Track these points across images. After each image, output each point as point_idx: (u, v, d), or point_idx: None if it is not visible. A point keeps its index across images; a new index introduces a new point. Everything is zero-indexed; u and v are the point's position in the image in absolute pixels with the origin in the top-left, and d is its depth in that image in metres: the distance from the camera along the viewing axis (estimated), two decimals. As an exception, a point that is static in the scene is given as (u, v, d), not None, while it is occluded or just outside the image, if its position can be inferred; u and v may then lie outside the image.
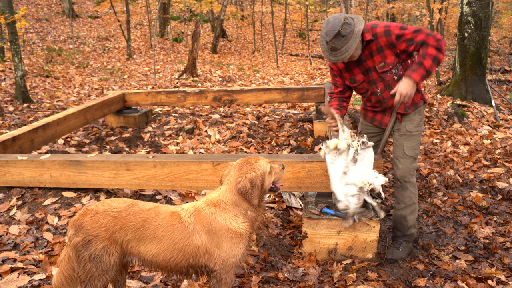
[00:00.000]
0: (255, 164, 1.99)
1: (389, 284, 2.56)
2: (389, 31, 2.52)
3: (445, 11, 14.84)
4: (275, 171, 2.08)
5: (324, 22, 2.57)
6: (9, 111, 6.23)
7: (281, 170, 2.12)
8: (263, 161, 2.03)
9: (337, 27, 2.44)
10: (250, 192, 1.92)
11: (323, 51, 2.60)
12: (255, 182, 1.92)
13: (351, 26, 2.46)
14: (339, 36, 2.45)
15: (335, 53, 2.53)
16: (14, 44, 6.62)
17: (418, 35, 2.48)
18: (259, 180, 1.94)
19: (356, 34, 2.46)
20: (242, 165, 1.99)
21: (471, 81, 6.29)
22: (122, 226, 1.86)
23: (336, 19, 2.47)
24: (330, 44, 2.49)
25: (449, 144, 4.91)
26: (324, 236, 2.79)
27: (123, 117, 5.78)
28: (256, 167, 1.97)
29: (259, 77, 10.84)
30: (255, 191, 1.93)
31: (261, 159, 2.03)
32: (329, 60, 2.64)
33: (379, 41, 2.56)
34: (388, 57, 2.59)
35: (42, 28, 15.16)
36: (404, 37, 2.51)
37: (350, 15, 2.51)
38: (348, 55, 2.50)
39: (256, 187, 1.92)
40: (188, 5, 15.99)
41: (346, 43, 2.46)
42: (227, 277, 1.97)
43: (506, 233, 3.10)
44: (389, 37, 2.53)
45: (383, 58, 2.60)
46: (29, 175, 3.25)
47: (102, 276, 1.87)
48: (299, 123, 5.82)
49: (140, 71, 11.08)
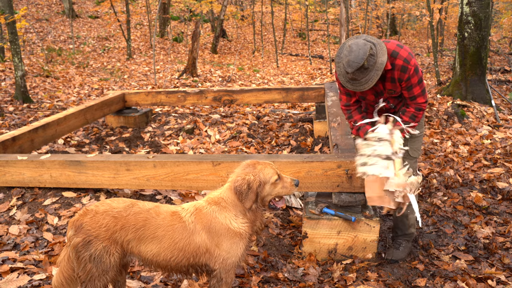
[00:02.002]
0: (259, 169, 1.95)
1: (389, 284, 2.56)
2: (406, 69, 2.42)
3: (445, 11, 14.84)
4: (284, 185, 2.00)
5: (344, 48, 2.37)
6: (9, 111, 6.23)
7: (292, 185, 2.01)
8: (269, 170, 1.97)
9: (361, 60, 2.27)
10: (245, 194, 1.90)
11: (340, 75, 2.44)
12: (251, 186, 1.91)
13: (374, 57, 2.30)
14: (362, 69, 2.30)
15: (354, 83, 2.39)
16: (14, 44, 6.62)
17: (418, 98, 2.50)
18: (256, 185, 1.92)
19: (379, 67, 2.31)
20: (247, 166, 1.98)
21: (471, 81, 6.29)
22: (122, 226, 1.86)
23: (360, 50, 2.28)
24: (351, 75, 2.34)
25: (449, 144, 4.91)
26: (324, 236, 2.79)
27: (123, 117, 5.78)
28: (258, 172, 1.94)
29: (259, 77, 10.84)
30: (250, 194, 1.90)
31: (268, 167, 1.97)
32: (345, 86, 2.47)
33: (394, 73, 2.46)
34: (398, 87, 2.54)
35: (42, 28, 15.16)
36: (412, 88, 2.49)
37: (372, 41, 2.34)
38: (368, 87, 2.36)
39: (251, 190, 1.90)
40: (188, 5, 15.99)
41: (367, 74, 2.32)
42: (227, 277, 1.97)
43: (506, 233, 3.10)
44: (403, 74, 2.44)
45: (393, 87, 2.53)
46: (29, 175, 3.25)
47: (102, 276, 1.87)
48: (299, 123, 5.82)
49: (140, 71, 11.08)
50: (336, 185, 2.85)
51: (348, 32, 14.13)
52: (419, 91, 2.49)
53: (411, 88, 2.48)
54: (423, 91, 2.50)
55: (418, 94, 2.50)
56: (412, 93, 2.50)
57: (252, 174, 1.93)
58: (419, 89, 2.49)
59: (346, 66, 2.32)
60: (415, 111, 2.54)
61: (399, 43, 2.47)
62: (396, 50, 2.43)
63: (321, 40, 19.40)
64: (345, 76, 2.39)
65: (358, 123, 2.69)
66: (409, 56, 2.42)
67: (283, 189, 2.00)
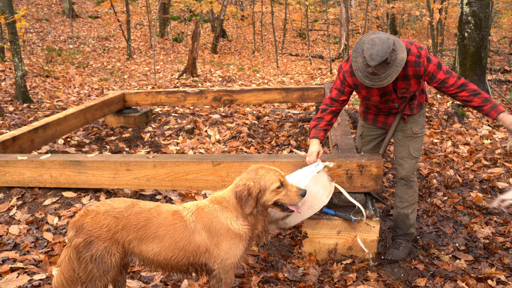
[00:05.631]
0: (261, 175, 1.93)
1: (389, 284, 2.56)
2: (419, 63, 2.41)
3: (445, 11, 14.84)
4: (286, 193, 1.96)
5: (365, 41, 2.32)
6: (9, 111, 6.23)
7: (297, 195, 1.96)
8: (271, 177, 1.93)
9: (385, 54, 2.22)
10: (244, 199, 1.89)
11: (357, 70, 2.36)
12: (251, 192, 1.90)
13: (395, 53, 2.27)
14: (384, 63, 2.25)
15: (373, 78, 2.32)
16: (14, 44, 6.62)
17: (449, 80, 2.41)
18: (256, 192, 1.90)
19: (399, 63, 2.28)
20: (251, 171, 1.97)
21: (471, 81, 6.27)
22: (124, 226, 1.86)
23: (384, 44, 2.24)
24: (372, 69, 2.27)
25: (449, 144, 4.92)
26: (324, 236, 2.79)
27: (123, 117, 5.78)
28: (259, 179, 1.92)
29: (259, 77, 10.84)
30: (250, 201, 1.89)
31: (271, 174, 1.94)
32: (362, 82, 2.40)
33: (408, 69, 2.43)
34: (412, 85, 2.51)
35: (42, 28, 15.16)
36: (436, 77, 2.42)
37: (392, 38, 2.30)
38: (387, 83, 2.31)
39: (251, 197, 1.90)
40: (188, 5, 15.99)
41: (388, 69, 2.28)
42: (227, 277, 1.97)
43: (506, 233, 3.10)
44: (418, 69, 2.41)
45: (407, 85, 2.50)
46: (29, 175, 3.25)
47: (103, 277, 1.88)
48: (299, 123, 5.83)
49: (140, 71, 11.08)
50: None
51: (348, 32, 14.13)
52: (443, 75, 2.42)
53: (435, 76, 2.43)
54: (447, 72, 2.42)
55: (446, 78, 2.42)
56: (439, 80, 2.43)
57: (253, 180, 1.92)
58: (443, 74, 2.42)
59: (369, 59, 2.25)
60: (466, 91, 2.41)
61: (409, 40, 2.47)
62: (408, 47, 2.41)
63: (321, 40, 19.41)
64: (364, 70, 2.33)
65: (319, 124, 2.71)
66: (418, 50, 2.41)
67: (286, 197, 1.96)
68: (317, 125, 2.73)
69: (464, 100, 2.46)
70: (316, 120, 2.75)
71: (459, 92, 2.44)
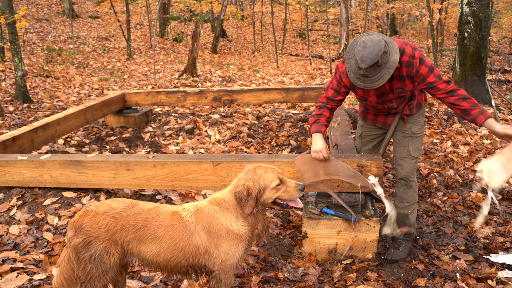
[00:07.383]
0: (259, 174, 1.93)
1: (389, 284, 2.56)
2: (412, 63, 2.42)
3: (445, 11, 14.84)
4: (286, 190, 1.96)
5: (358, 42, 2.33)
6: (9, 111, 6.23)
7: (296, 190, 1.97)
8: (270, 175, 1.94)
9: (376, 56, 2.24)
10: (244, 200, 1.89)
11: (349, 71, 2.39)
12: (251, 192, 1.89)
13: (387, 55, 2.28)
14: (375, 66, 2.27)
15: (365, 80, 2.35)
16: (14, 44, 6.62)
17: (441, 82, 2.42)
18: (255, 191, 1.90)
19: (391, 65, 2.29)
20: (249, 171, 1.96)
21: (471, 81, 6.29)
22: (122, 226, 1.86)
23: (375, 46, 2.25)
24: (363, 71, 2.30)
25: (449, 144, 4.91)
26: (324, 236, 2.79)
27: (123, 117, 5.78)
28: (258, 178, 1.92)
29: (259, 77, 10.84)
30: (250, 201, 1.89)
31: (269, 172, 1.94)
32: (355, 84, 2.43)
33: (402, 70, 2.45)
34: (408, 85, 2.53)
35: (42, 28, 15.16)
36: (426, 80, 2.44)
37: (385, 39, 2.32)
38: (379, 85, 2.34)
39: (251, 197, 1.89)
40: (188, 5, 15.99)
41: (380, 71, 2.30)
42: (226, 278, 1.97)
43: (506, 233, 3.10)
44: (411, 69, 2.44)
45: (402, 85, 2.52)
46: (29, 175, 3.25)
47: (102, 277, 1.87)
48: (299, 123, 5.82)
49: (140, 71, 11.08)
50: (336, 185, 2.85)
51: (348, 32, 14.13)
52: (434, 79, 2.43)
53: (425, 79, 2.45)
54: (438, 76, 2.44)
55: (436, 82, 2.43)
56: (429, 83, 2.44)
57: (252, 180, 1.92)
58: (433, 77, 2.43)
59: (360, 61, 2.28)
60: (456, 96, 2.42)
61: (404, 40, 2.48)
62: (402, 47, 2.42)
63: (321, 40, 19.40)
64: (356, 72, 2.35)
65: (319, 119, 2.73)
66: (413, 51, 2.42)
67: (285, 193, 1.96)
68: (318, 120, 2.75)
69: (452, 103, 2.46)
70: (316, 116, 2.77)
71: (448, 97, 2.45)
